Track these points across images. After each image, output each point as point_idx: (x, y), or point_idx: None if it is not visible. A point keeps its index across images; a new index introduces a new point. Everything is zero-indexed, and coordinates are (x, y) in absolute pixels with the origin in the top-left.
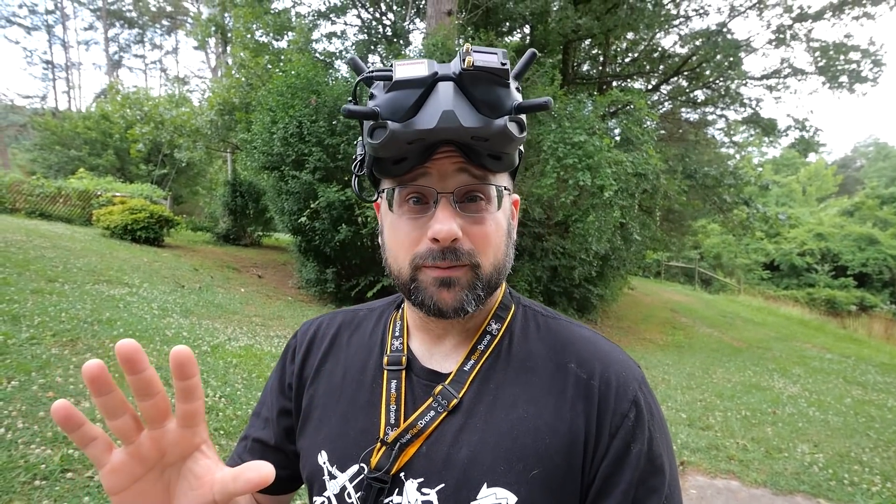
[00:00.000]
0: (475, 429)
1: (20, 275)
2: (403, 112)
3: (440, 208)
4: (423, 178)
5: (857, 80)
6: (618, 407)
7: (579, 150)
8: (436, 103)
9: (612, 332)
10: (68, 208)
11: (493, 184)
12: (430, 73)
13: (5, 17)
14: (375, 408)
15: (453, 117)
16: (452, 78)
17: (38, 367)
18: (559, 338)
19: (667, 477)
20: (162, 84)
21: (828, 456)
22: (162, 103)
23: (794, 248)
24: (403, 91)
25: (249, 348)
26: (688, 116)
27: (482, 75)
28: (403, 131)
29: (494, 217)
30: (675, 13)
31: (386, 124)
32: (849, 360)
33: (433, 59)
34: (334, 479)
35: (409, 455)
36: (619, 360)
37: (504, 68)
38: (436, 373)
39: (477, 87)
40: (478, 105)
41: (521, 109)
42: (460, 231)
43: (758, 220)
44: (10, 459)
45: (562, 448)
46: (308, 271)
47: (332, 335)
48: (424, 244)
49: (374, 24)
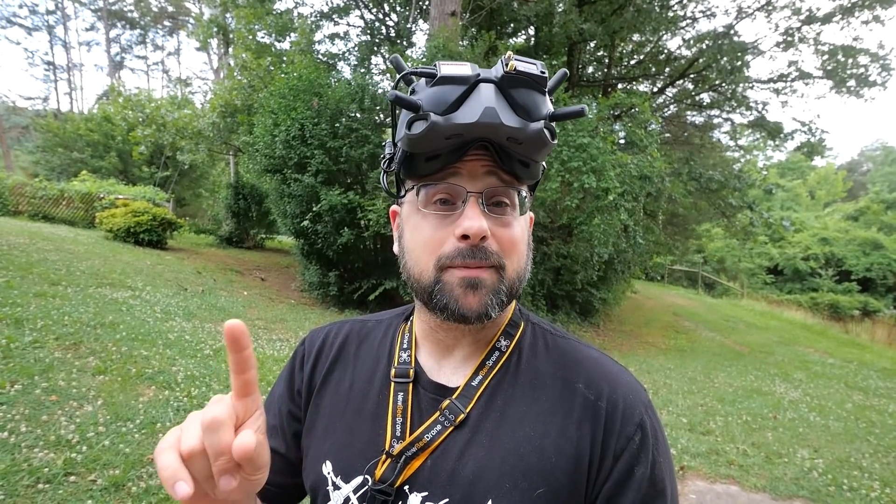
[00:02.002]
0: (481, 445)
1: (23, 278)
2: (446, 106)
3: (469, 206)
4: (454, 177)
5: (865, 84)
6: (623, 429)
7: (583, 152)
8: (478, 100)
9: (614, 336)
10: (71, 211)
11: (519, 189)
12: (473, 73)
13: (6, 18)
14: (381, 420)
15: (494, 114)
16: (495, 80)
17: (42, 370)
18: (567, 357)
19: (668, 501)
20: (164, 85)
21: (827, 461)
22: (164, 105)
23: (799, 252)
24: (447, 87)
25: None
26: (693, 119)
27: (522, 79)
28: (444, 124)
29: (519, 223)
30: (682, 15)
31: (427, 116)
32: (851, 364)
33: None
34: (338, 490)
35: (413, 468)
36: (627, 383)
37: (543, 76)
38: (443, 387)
39: (517, 91)
40: (516, 108)
41: (555, 117)
42: (489, 230)
43: (761, 226)
44: (13, 463)
45: (567, 468)
46: (311, 274)
47: (339, 345)
48: (451, 244)
49: (378, 26)
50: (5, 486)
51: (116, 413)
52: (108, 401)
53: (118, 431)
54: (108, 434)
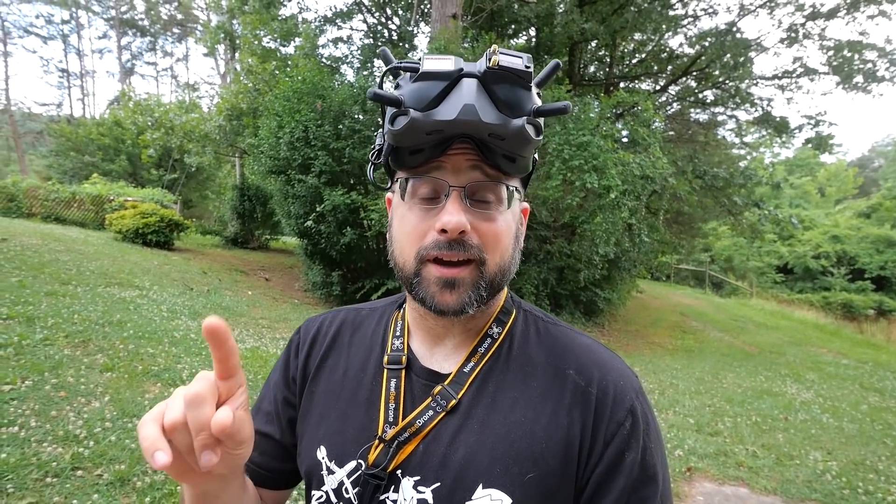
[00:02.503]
0: (472, 430)
1: (35, 278)
2: (426, 102)
3: (450, 201)
4: (437, 171)
5: (872, 79)
6: (614, 415)
7: (585, 151)
8: (458, 97)
9: (619, 336)
10: (82, 213)
11: (505, 184)
12: (456, 68)
13: (23, 28)
14: (374, 406)
15: (473, 111)
16: (477, 76)
17: (51, 367)
18: (559, 344)
19: (659, 487)
20: (173, 90)
21: (841, 464)
22: (172, 110)
23: (809, 250)
24: (429, 82)
25: (256, 350)
26: (697, 117)
27: (506, 75)
28: (424, 120)
29: (504, 217)
30: (684, 13)
31: (408, 112)
32: (866, 365)
33: (460, 58)
34: (332, 475)
35: (406, 453)
36: (618, 369)
37: (528, 71)
38: (435, 373)
39: (500, 86)
40: (498, 104)
41: (539, 113)
42: (469, 224)
43: (769, 223)
44: (23, 457)
45: (557, 453)
46: (314, 274)
47: (333, 333)
48: (432, 236)
49: (380, 29)
50: (15, 479)
51: (123, 409)
52: (115, 397)
53: (124, 427)
54: (114, 430)
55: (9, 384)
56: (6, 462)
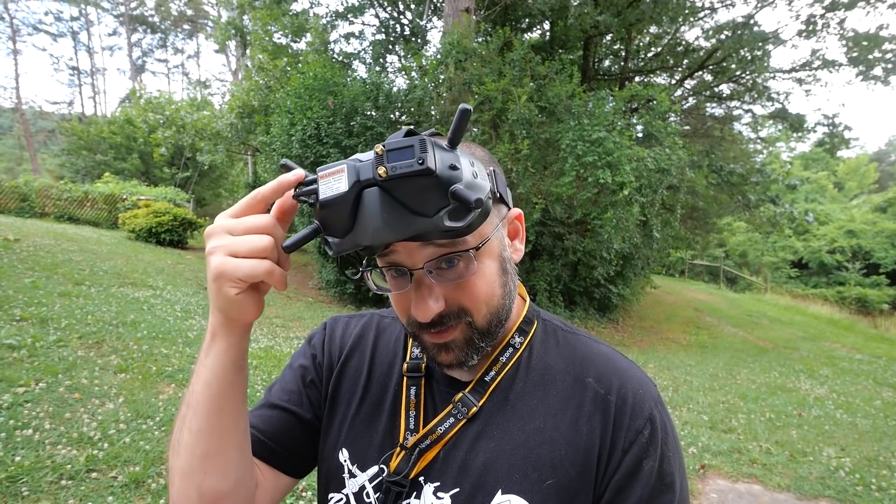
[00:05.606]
0: (492, 436)
1: (48, 278)
2: (339, 228)
3: (414, 288)
4: (393, 254)
5: (892, 71)
6: (633, 423)
7: (599, 147)
8: (364, 218)
9: (633, 332)
10: (95, 212)
11: (463, 249)
12: (350, 185)
13: (32, 25)
14: (396, 412)
15: (384, 233)
16: (376, 181)
17: (65, 368)
18: (578, 353)
19: (677, 495)
20: (184, 88)
21: (855, 460)
22: (184, 107)
23: (824, 245)
24: (330, 211)
25: (269, 349)
26: (713, 112)
27: (398, 182)
28: (348, 243)
29: (480, 270)
30: (701, 5)
31: (327, 241)
32: (880, 360)
33: (353, 163)
34: (354, 478)
35: (427, 460)
36: (637, 378)
37: (422, 168)
38: (456, 381)
39: (400, 192)
40: (408, 208)
41: (455, 196)
42: (442, 304)
43: (785, 219)
44: (37, 459)
45: (577, 460)
46: (328, 272)
47: (357, 333)
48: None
49: (392, 24)
50: (30, 482)
51: (137, 410)
52: (129, 398)
53: (139, 429)
54: (128, 431)
55: (23, 386)
56: (21, 465)
